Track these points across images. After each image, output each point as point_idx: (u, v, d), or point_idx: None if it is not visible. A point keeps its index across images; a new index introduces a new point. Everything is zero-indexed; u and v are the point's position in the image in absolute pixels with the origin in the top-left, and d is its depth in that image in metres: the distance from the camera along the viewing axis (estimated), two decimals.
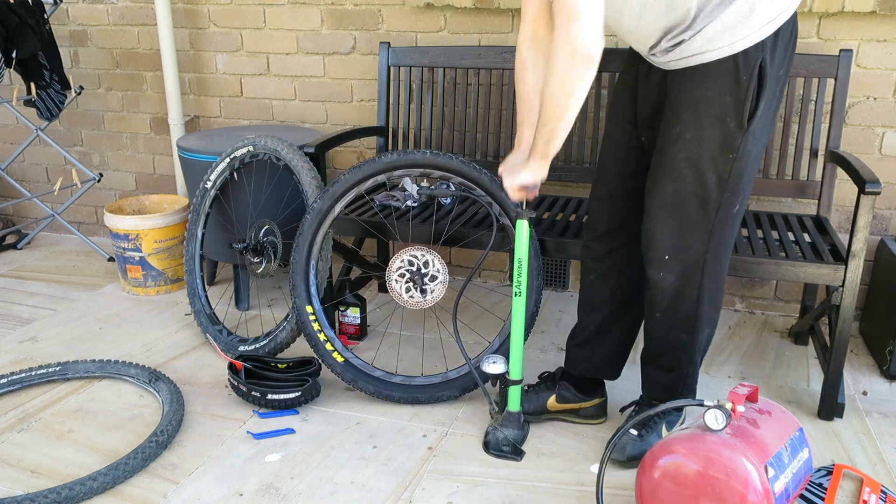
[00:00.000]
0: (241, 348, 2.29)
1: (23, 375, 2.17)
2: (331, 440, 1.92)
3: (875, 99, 2.40)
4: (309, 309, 2.13)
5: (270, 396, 2.03)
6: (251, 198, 2.52)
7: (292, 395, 2.03)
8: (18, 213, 3.72)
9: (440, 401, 2.08)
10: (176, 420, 1.93)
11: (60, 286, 2.98)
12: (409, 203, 2.40)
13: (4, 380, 2.14)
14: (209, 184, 2.48)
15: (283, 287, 2.97)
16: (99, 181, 3.34)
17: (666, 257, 1.66)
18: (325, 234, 2.14)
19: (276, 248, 2.30)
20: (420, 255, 2.01)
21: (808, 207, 2.54)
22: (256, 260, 2.35)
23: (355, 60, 2.91)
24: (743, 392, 1.52)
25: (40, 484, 1.74)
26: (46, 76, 3.04)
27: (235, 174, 2.48)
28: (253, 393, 2.04)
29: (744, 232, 2.21)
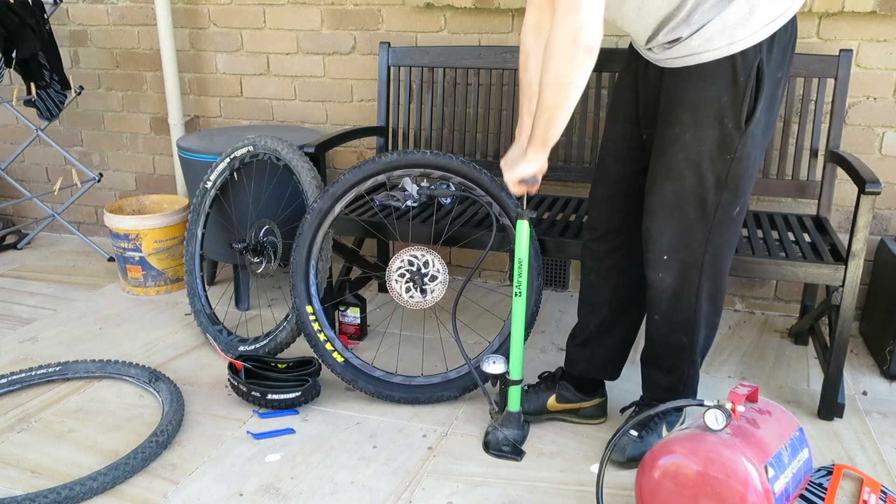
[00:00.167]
0: (241, 348, 2.29)
1: (23, 375, 2.17)
2: (331, 440, 1.92)
3: (875, 99, 2.40)
4: (309, 309, 2.13)
5: (270, 396, 2.03)
6: (251, 198, 2.52)
7: (292, 395, 2.03)
8: (18, 213, 3.72)
9: (440, 401, 2.08)
10: (176, 420, 1.93)
11: (60, 286, 2.98)
12: (409, 203, 2.40)
13: (4, 380, 2.14)
14: (209, 184, 2.48)
15: (283, 287, 2.97)
16: (99, 181, 3.34)
17: (664, 258, 1.66)
18: (325, 234, 2.14)
19: (276, 248, 2.30)
20: (420, 255, 2.01)
21: (808, 207, 2.54)
22: (256, 260, 2.35)
23: (355, 60, 2.91)
24: (743, 392, 1.52)
25: (40, 484, 1.74)
26: (46, 76, 3.04)
27: (235, 174, 2.48)
28: (253, 393, 2.04)
29: (744, 232, 2.21)
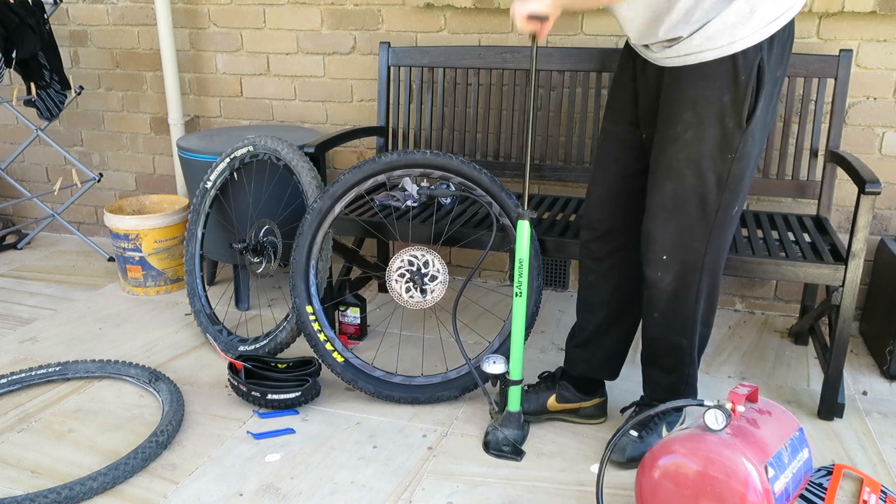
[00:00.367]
0: (241, 348, 2.29)
1: (23, 375, 2.17)
2: (331, 440, 1.92)
3: (875, 99, 2.40)
4: (309, 309, 2.13)
5: (270, 396, 2.03)
6: (251, 198, 2.52)
7: (292, 395, 2.03)
8: (18, 213, 3.72)
9: (440, 401, 2.08)
10: (176, 420, 1.93)
11: (60, 286, 2.98)
12: (409, 203, 2.40)
13: (4, 380, 2.14)
14: (209, 184, 2.48)
15: (283, 287, 2.97)
16: (99, 181, 3.34)
17: (665, 257, 1.66)
18: (325, 234, 2.14)
19: (276, 248, 2.30)
20: (420, 255, 2.01)
21: (808, 207, 2.54)
22: (256, 260, 2.35)
23: (355, 60, 2.91)
24: (743, 392, 1.52)
25: (40, 484, 1.74)
26: (46, 76, 3.04)
27: (235, 174, 2.48)
28: (253, 393, 2.04)
29: (744, 232, 2.21)
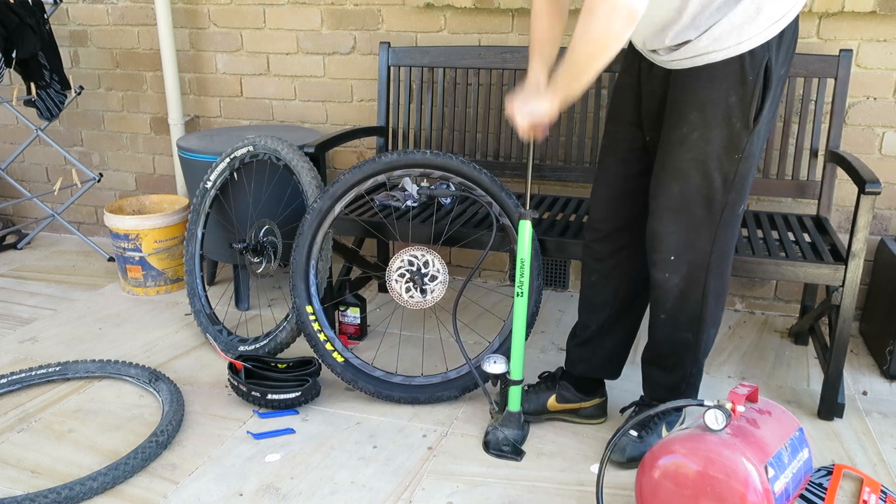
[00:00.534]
0: (241, 348, 2.29)
1: (23, 375, 2.17)
2: (331, 440, 1.92)
3: (875, 99, 2.40)
4: (309, 309, 2.13)
5: (270, 396, 2.03)
6: (251, 198, 2.52)
7: (292, 395, 2.03)
8: (18, 213, 3.72)
9: (440, 401, 2.08)
10: (176, 420, 1.93)
11: (60, 286, 2.98)
12: (409, 203, 2.40)
13: (4, 380, 2.14)
14: (209, 184, 2.48)
15: (283, 287, 2.97)
16: (99, 181, 3.34)
17: (672, 258, 1.66)
18: (325, 234, 2.14)
19: (276, 248, 2.30)
20: (420, 255, 2.01)
21: (808, 207, 2.54)
22: (256, 260, 2.35)
23: (355, 60, 2.91)
24: (743, 392, 1.52)
25: (40, 484, 1.74)
26: (46, 76, 3.04)
27: (235, 174, 2.48)
28: (253, 393, 2.04)
29: (744, 232, 2.21)
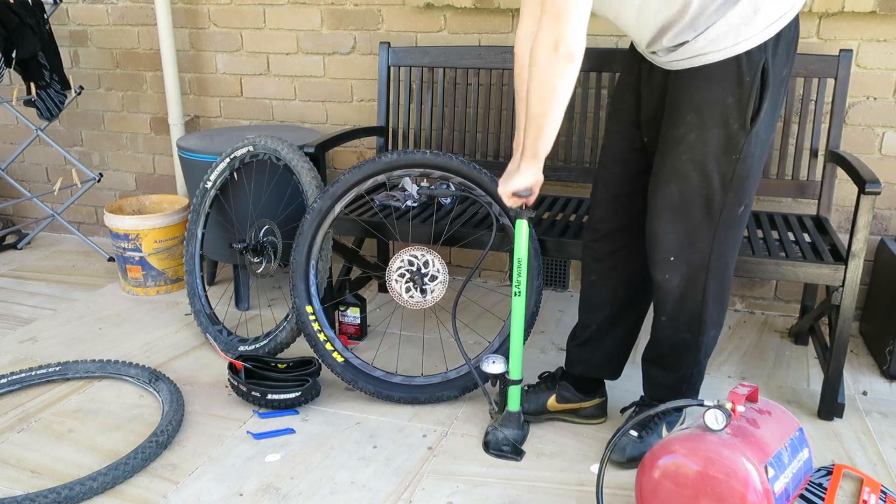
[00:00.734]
0: (241, 348, 2.29)
1: (23, 375, 2.17)
2: (331, 440, 1.92)
3: (875, 99, 2.40)
4: (309, 309, 2.13)
5: (270, 396, 2.03)
6: (251, 198, 2.52)
7: (292, 395, 2.03)
8: (18, 213, 3.72)
9: (440, 401, 2.08)
10: (176, 420, 1.93)
11: (60, 286, 2.98)
12: (409, 203, 2.40)
13: (4, 380, 2.14)
14: (209, 184, 2.48)
15: (283, 287, 2.97)
16: (99, 181, 3.34)
17: (671, 259, 1.66)
18: (325, 234, 2.14)
19: (276, 248, 2.30)
20: (420, 255, 2.01)
21: (808, 207, 2.54)
22: (256, 260, 2.35)
23: (355, 60, 2.91)
24: (743, 392, 1.52)
25: (40, 484, 1.74)
26: (46, 76, 3.04)
27: (235, 174, 2.48)
28: (253, 393, 2.04)
29: (744, 232, 2.21)
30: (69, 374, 2.20)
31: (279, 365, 2.14)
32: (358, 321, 2.48)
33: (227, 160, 2.43)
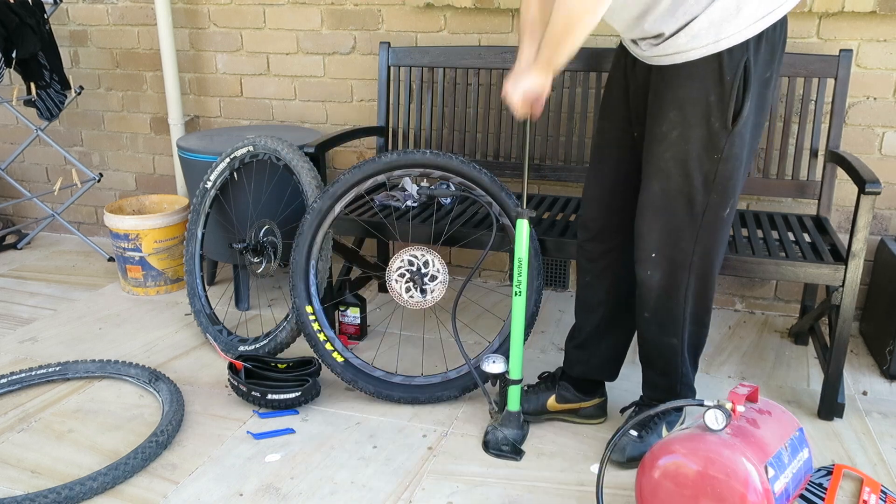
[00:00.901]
0: (241, 348, 2.29)
1: (23, 375, 2.17)
2: (331, 440, 1.92)
3: (875, 99, 2.40)
4: (309, 309, 2.13)
5: (270, 396, 2.03)
6: (251, 198, 2.52)
7: (292, 395, 2.03)
8: (18, 213, 3.72)
9: (440, 401, 2.08)
10: (176, 420, 1.93)
11: (60, 286, 2.98)
12: (409, 203, 2.40)
13: (4, 380, 2.14)
14: (209, 184, 2.48)
15: (283, 287, 2.97)
16: (99, 181, 3.34)
17: (653, 255, 1.66)
18: (325, 234, 2.14)
19: (276, 248, 2.30)
20: (420, 255, 2.01)
21: (808, 207, 2.54)
22: (256, 260, 2.35)
23: (355, 60, 2.91)
24: (743, 392, 1.52)
25: (40, 484, 1.74)
26: (46, 76, 3.04)
27: (235, 174, 2.48)
28: (253, 393, 2.04)
29: (744, 232, 2.21)
30: (69, 374, 2.20)
31: (279, 365, 2.14)
32: (358, 321, 2.48)
33: (227, 160, 2.43)
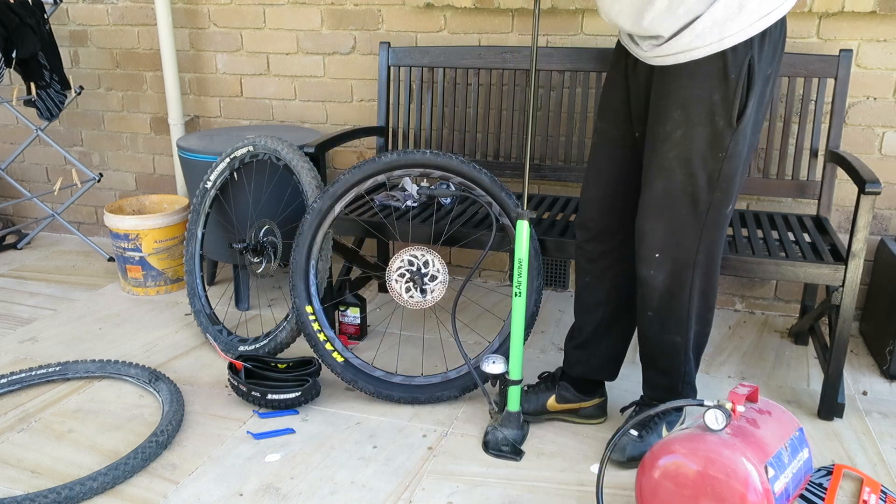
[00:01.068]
0: (241, 348, 2.29)
1: (23, 375, 2.17)
2: (331, 440, 1.92)
3: (875, 99, 2.40)
4: (309, 309, 2.13)
5: (270, 396, 2.03)
6: (251, 198, 2.52)
7: (292, 395, 2.03)
8: (18, 213, 3.72)
9: (440, 401, 2.08)
10: (176, 420, 1.93)
11: (60, 286, 2.98)
12: (409, 203, 2.40)
13: (4, 380, 2.14)
14: (209, 184, 2.48)
15: (283, 287, 2.97)
16: (99, 181, 3.34)
17: (657, 255, 1.66)
18: (325, 234, 2.14)
19: (276, 248, 2.30)
20: (420, 255, 2.01)
21: (808, 207, 2.54)
22: (256, 260, 2.35)
23: (355, 60, 2.91)
24: (743, 392, 1.52)
25: (40, 484, 1.74)
26: (46, 76, 3.04)
27: (235, 174, 2.48)
28: (253, 393, 2.04)
29: (744, 232, 2.21)
30: (69, 374, 2.20)
31: (279, 365, 2.14)
32: (358, 321, 2.48)
33: (227, 160, 2.43)
